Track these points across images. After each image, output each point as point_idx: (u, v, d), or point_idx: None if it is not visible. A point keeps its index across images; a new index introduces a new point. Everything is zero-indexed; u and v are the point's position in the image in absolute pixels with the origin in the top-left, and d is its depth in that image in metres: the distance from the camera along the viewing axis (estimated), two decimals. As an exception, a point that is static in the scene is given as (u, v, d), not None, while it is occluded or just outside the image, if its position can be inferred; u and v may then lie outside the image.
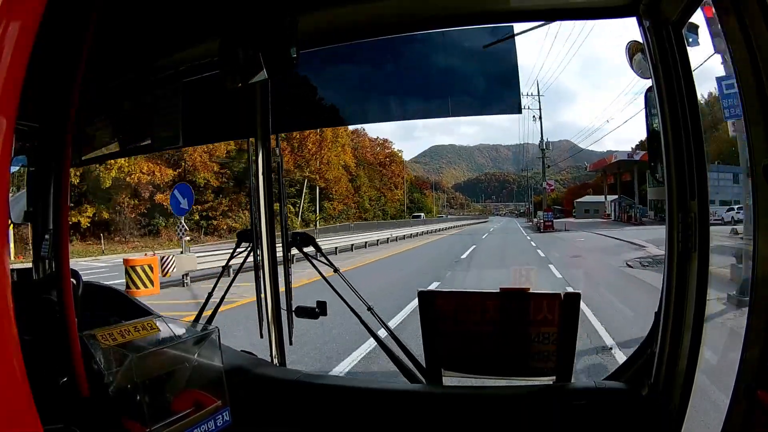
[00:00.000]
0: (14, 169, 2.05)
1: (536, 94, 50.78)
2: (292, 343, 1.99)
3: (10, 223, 1.93)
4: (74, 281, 1.32)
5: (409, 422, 1.54)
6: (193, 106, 2.02)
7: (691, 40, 1.33)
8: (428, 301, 1.64)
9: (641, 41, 1.43)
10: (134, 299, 1.98)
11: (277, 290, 1.99)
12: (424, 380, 1.67)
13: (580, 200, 73.74)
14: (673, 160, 1.34)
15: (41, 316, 1.02)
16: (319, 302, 1.88)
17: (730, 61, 0.99)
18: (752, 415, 0.97)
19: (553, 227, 33.21)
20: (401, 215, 62.46)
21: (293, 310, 1.94)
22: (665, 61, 1.33)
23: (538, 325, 1.55)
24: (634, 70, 1.52)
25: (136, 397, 0.98)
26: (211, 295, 1.98)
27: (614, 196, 50.87)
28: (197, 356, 1.15)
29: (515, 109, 1.81)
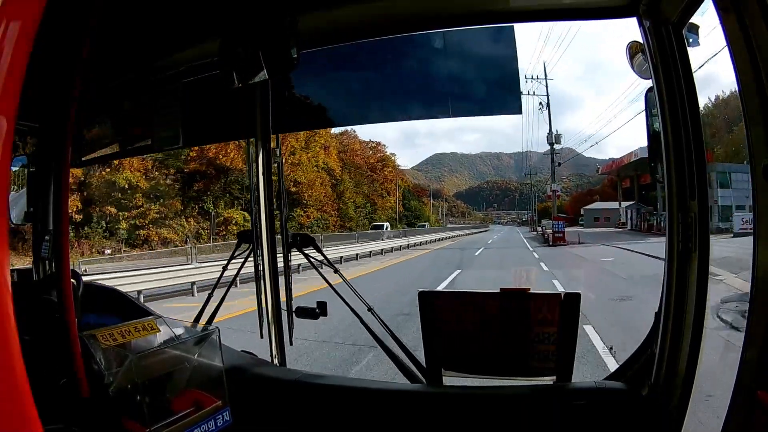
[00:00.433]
0: (14, 169, 2.05)
1: (542, 77, 43.25)
2: (292, 343, 1.99)
3: (10, 223, 1.94)
4: (74, 281, 1.32)
5: (409, 422, 1.54)
6: (193, 106, 2.02)
7: (691, 40, 1.33)
8: (428, 301, 1.64)
9: (641, 41, 1.43)
10: (134, 299, 1.97)
11: (277, 290, 1.99)
12: (424, 380, 1.67)
13: (588, 207, 69.24)
14: (673, 160, 1.34)
15: (41, 316, 1.02)
16: (319, 303, 1.88)
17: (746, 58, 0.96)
18: (752, 415, 0.97)
19: (564, 239, 27.00)
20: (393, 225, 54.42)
21: (293, 310, 1.94)
22: (665, 61, 1.33)
23: (538, 325, 1.55)
24: (634, 70, 1.52)
25: (136, 397, 0.98)
26: (211, 295, 1.98)
27: (628, 202, 46.06)
28: (197, 356, 1.14)
29: (515, 109, 1.81)
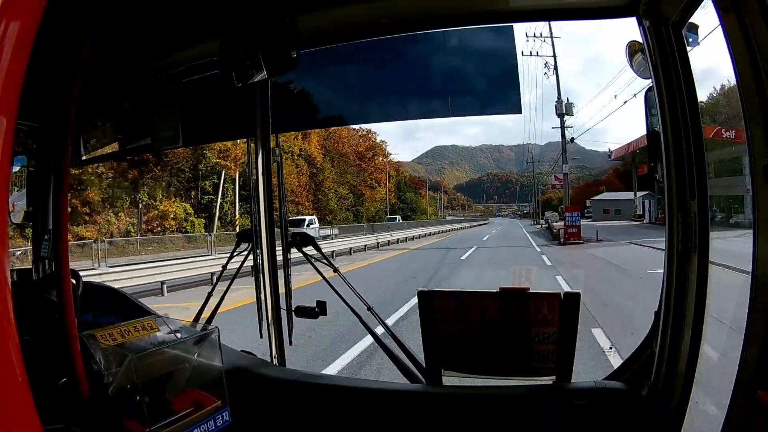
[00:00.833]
0: (14, 169, 2.05)
1: (547, 35, 32.58)
2: (291, 343, 1.99)
3: (10, 223, 1.94)
4: (74, 281, 1.32)
5: (409, 422, 1.54)
6: (193, 106, 2.02)
7: (691, 40, 1.33)
8: (428, 301, 1.64)
9: (641, 41, 1.43)
10: (134, 299, 1.97)
11: (276, 290, 1.99)
12: (424, 380, 1.67)
13: (597, 198, 62.46)
14: (673, 160, 1.34)
15: (41, 316, 1.02)
16: (318, 302, 1.88)
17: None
18: (752, 415, 0.97)
19: (580, 236, 21.54)
20: (381, 217, 51.21)
21: (293, 310, 1.95)
22: (665, 61, 1.33)
23: (538, 325, 1.55)
24: (634, 70, 1.52)
25: (136, 397, 0.98)
26: (210, 294, 1.98)
27: (643, 192, 41.10)
28: (197, 356, 1.14)
29: (515, 109, 1.81)
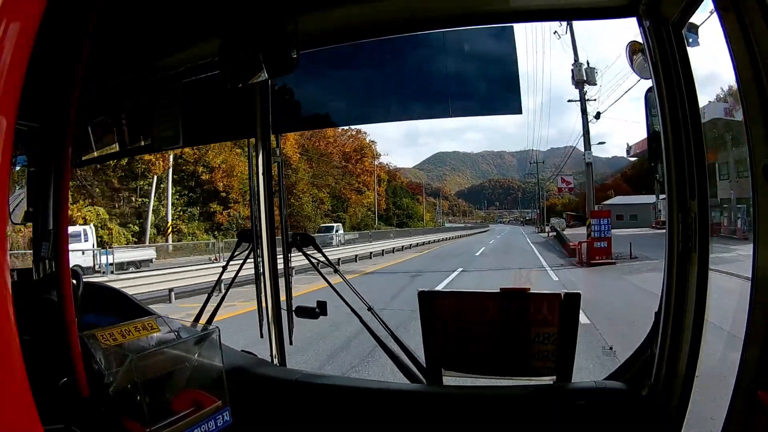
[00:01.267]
0: (15, 169, 2.05)
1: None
2: (292, 342, 1.99)
3: (10, 222, 1.94)
4: (74, 281, 1.32)
5: (409, 422, 1.54)
6: (193, 106, 2.02)
7: (691, 40, 1.33)
8: (428, 301, 1.64)
9: (641, 41, 1.43)
10: (134, 299, 1.98)
11: (277, 290, 1.99)
12: (424, 380, 1.67)
13: (608, 203, 54.33)
14: (673, 160, 1.34)
15: (41, 316, 1.02)
16: (319, 302, 1.88)
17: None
18: (752, 415, 0.97)
19: (611, 252, 15.73)
20: (369, 224, 46.74)
21: (293, 309, 1.94)
22: (665, 61, 1.33)
23: (538, 325, 1.55)
24: (634, 70, 1.52)
25: (136, 397, 0.98)
26: (211, 295, 1.98)
27: (662, 195, 29.78)
28: (197, 356, 1.14)
29: (516, 109, 1.81)
